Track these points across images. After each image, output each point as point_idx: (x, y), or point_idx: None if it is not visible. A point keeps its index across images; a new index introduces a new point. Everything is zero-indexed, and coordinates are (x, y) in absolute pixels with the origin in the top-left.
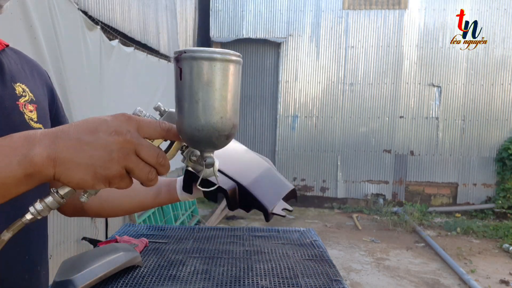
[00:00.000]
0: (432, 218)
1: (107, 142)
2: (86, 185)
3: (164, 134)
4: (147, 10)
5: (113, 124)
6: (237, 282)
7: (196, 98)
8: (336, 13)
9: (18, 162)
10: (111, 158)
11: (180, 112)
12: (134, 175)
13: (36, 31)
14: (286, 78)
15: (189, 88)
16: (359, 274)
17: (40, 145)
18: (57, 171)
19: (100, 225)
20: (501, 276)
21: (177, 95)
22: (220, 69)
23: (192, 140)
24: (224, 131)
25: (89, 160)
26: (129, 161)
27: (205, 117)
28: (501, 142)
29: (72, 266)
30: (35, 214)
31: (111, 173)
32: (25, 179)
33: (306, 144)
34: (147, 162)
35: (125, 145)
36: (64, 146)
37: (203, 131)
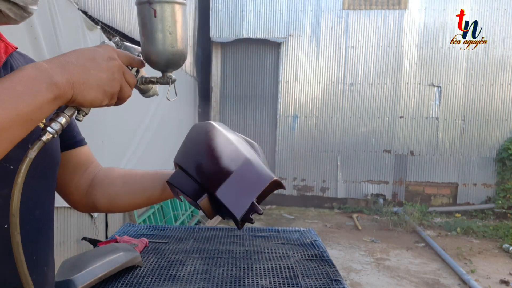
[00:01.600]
0: (432, 218)
1: (108, 66)
2: (97, 102)
3: (131, 61)
4: None
5: (105, 52)
6: (237, 282)
7: (170, 31)
8: (336, 13)
9: (46, 87)
10: (114, 78)
11: (154, 42)
12: (122, 92)
13: (36, 31)
14: (286, 78)
15: (163, 23)
16: (359, 274)
17: (56, 72)
18: (75, 92)
19: (100, 225)
20: (501, 276)
21: (150, 30)
22: (183, 10)
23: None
24: (186, 54)
25: (99, 81)
26: (122, 79)
27: (177, 45)
28: (501, 142)
29: (72, 266)
30: (53, 132)
31: (115, 90)
32: (53, 101)
33: (306, 144)
34: (128, 82)
35: (120, 68)
36: (75, 72)
37: (176, 55)
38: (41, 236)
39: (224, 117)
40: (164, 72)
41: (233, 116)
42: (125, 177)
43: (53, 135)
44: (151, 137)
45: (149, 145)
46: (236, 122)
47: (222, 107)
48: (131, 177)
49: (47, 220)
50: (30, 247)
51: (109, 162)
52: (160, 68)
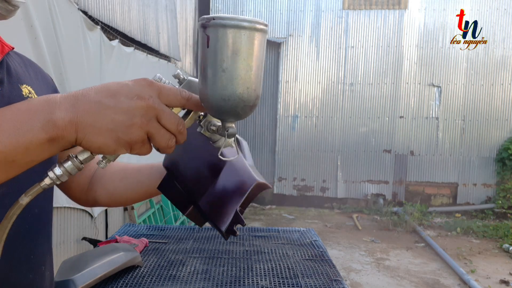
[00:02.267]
0: (432, 218)
1: (129, 107)
2: (108, 150)
3: (184, 102)
4: (147, 10)
5: (135, 89)
6: (237, 282)
7: (223, 67)
8: (336, 13)
9: (41, 126)
10: (133, 123)
11: (205, 81)
12: (154, 141)
13: (36, 31)
14: (286, 78)
15: (216, 56)
16: (359, 274)
17: (61, 108)
18: (79, 136)
19: (100, 225)
20: (501, 276)
21: (202, 63)
22: (247, 38)
23: (217, 110)
24: (250, 102)
25: (111, 125)
26: (151, 126)
27: (231, 87)
28: (501, 142)
29: (72, 266)
30: (54, 179)
31: (133, 138)
32: (48, 144)
33: (306, 144)
34: (167, 129)
35: (148, 110)
36: (85, 110)
37: (229, 101)
38: (39, 236)
39: None
40: (222, 121)
41: None
42: (122, 172)
43: (53, 181)
44: None
45: None
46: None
47: None
48: (128, 172)
49: (45, 219)
50: (27, 246)
51: None
52: (214, 115)
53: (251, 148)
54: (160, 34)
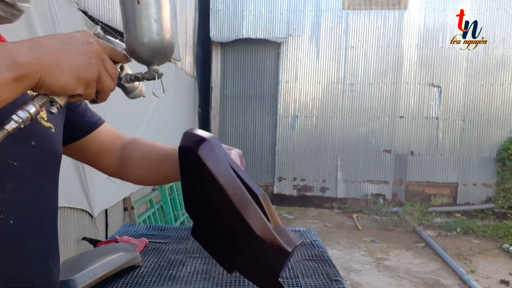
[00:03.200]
0: (432, 218)
1: (84, 50)
2: (69, 88)
3: (113, 53)
4: None
5: (83, 37)
6: (237, 282)
7: (154, 18)
8: (336, 13)
9: (6, 66)
10: (90, 63)
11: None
12: (101, 82)
13: (36, 31)
14: (286, 78)
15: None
16: (359, 274)
17: (20, 52)
18: (43, 75)
19: (100, 225)
20: (501, 276)
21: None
22: None
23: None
24: (173, 44)
25: (72, 64)
26: (101, 68)
27: (162, 32)
28: (501, 142)
29: (72, 266)
30: (19, 122)
31: (91, 77)
32: (14, 83)
33: (306, 144)
34: (109, 73)
35: (98, 53)
36: (45, 52)
37: (162, 44)
38: (45, 232)
39: (224, 117)
40: (150, 65)
41: (233, 116)
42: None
43: (19, 124)
44: (150, 137)
45: None
46: (236, 122)
47: (222, 107)
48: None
49: (52, 216)
50: (35, 243)
51: None
52: (144, 60)
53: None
54: None
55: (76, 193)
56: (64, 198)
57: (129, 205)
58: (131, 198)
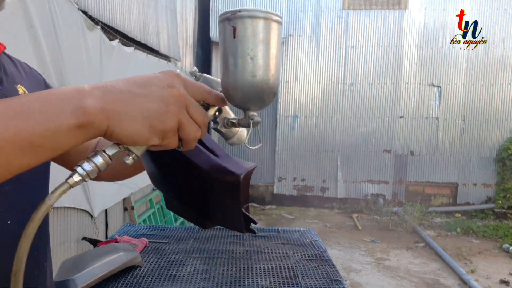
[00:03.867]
0: (432, 218)
1: (163, 95)
2: (141, 138)
3: (207, 96)
4: (147, 10)
5: (165, 79)
6: (237, 282)
7: (251, 55)
8: (336, 13)
9: (71, 111)
10: (167, 111)
11: (231, 70)
12: (183, 131)
13: (37, 31)
14: (286, 78)
15: (244, 45)
16: (359, 274)
17: (91, 96)
18: (111, 124)
19: (100, 225)
20: (501, 276)
21: (227, 55)
22: (272, 28)
23: (244, 97)
24: (274, 88)
25: (145, 112)
26: (183, 115)
27: (259, 74)
28: (501, 142)
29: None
30: (84, 175)
31: (167, 126)
32: (78, 130)
33: (306, 144)
34: (194, 119)
35: (180, 99)
36: (117, 99)
37: (257, 88)
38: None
39: None
40: (246, 110)
41: None
42: None
43: (83, 178)
44: None
45: None
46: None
47: None
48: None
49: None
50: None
51: None
52: (238, 104)
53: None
54: (160, 34)
55: (76, 193)
56: (64, 198)
57: (129, 205)
58: (131, 198)
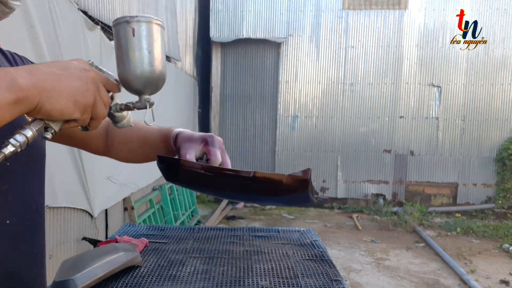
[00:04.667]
0: (432, 218)
1: (82, 76)
2: (67, 112)
3: (106, 82)
4: (147, 10)
5: (79, 64)
6: (237, 282)
7: (148, 50)
8: (336, 13)
9: (6, 88)
10: (87, 88)
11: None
12: (96, 108)
13: (36, 31)
14: (286, 78)
15: (142, 42)
16: (359, 274)
17: (20, 75)
18: (42, 98)
19: (100, 225)
20: (501, 276)
21: (126, 49)
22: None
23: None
24: (164, 75)
25: (70, 89)
26: (97, 94)
27: (156, 65)
28: (501, 142)
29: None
30: (17, 146)
31: (88, 101)
32: (14, 105)
33: (306, 144)
34: (103, 100)
35: (94, 80)
36: (43, 78)
37: (155, 75)
38: (38, 229)
39: (224, 117)
40: (142, 94)
41: (233, 116)
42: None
43: (16, 148)
44: None
45: None
46: (236, 122)
47: (222, 107)
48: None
49: (42, 213)
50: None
51: (109, 161)
52: (137, 89)
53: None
54: None
55: (76, 193)
56: (64, 198)
57: (129, 205)
58: (131, 198)
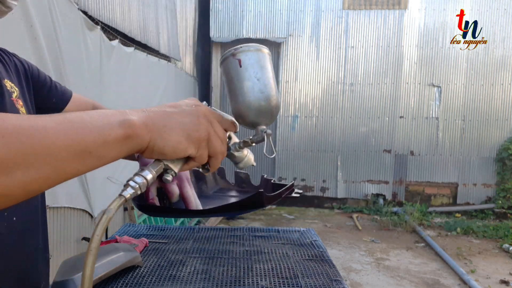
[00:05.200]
0: (432, 218)
1: (193, 111)
2: (181, 148)
3: (221, 120)
4: (147, 10)
5: (190, 101)
6: (237, 282)
7: (257, 77)
8: (336, 13)
9: (118, 123)
10: (199, 122)
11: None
12: (211, 143)
13: (37, 31)
14: (286, 78)
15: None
16: (359, 274)
17: (132, 113)
18: (153, 136)
19: None
20: (501, 276)
21: (236, 82)
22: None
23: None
24: (279, 103)
25: (182, 124)
26: (210, 128)
27: (267, 91)
28: (501, 142)
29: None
30: (136, 188)
31: (201, 135)
32: (124, 140)
33: (306, 144)
34: (218, 135)
35: (207, 114)
36: (155, 116)
37: (267, 102)
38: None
39: None
40: (257, 126)
41: None
42: None
43: (135, 190)
44: None
45: None
46: (236, 122)
47: (222, 107)
48: None
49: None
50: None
51: None
52: (251, 121)
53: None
54: (160, 34)
55: (76, 193)
56: (64, 198)
57: (129, 205)
58: None
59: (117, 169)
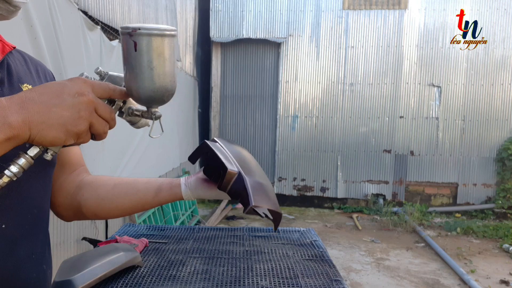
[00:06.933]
0: (432, 218)
1: (74, 103)
2: (59, 142)
3: (112, 93)
4: (147, 10)
5: (74, 87)
6: (237, 282)
7: (151, 66)
8: (336, 13)
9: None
10: (79, 116)
11: (134, 77)
12: (94, 129)
13: (36, 31)
14: (286, 78)
15: (144, 58)
16: (359, 274)
17: (11, 111)
18: (32, 133)
19: (100, 225)
20: (501, 276)
21: (130, 64)
22: (167, 43)
23: (147, 99)
24: (172, 91)
25: (60, 120)
26: (92, 117)
27: (159, 81)
28: (501, 142)
29: (72, 266)
30: (11, 176)
31: (81, 129)
32: (5, 142)
33: (306, 144)
34: (103, 117)
35: (89, 104)
36: (34, 111)
37: (158, 92)
38: (39, 235)
39: (224, 117)
40: (149, 107)
41: (233, 116)
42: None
43: (11, 178)
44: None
45: (149, 146)
46: (236, 122)
47: (222, 107)
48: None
49: (44, 218)
50: (29, 246)
51: (110, 162)
52: (142, 103)
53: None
54: None
55: None
56: None
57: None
58: None
59: (117, 169)
